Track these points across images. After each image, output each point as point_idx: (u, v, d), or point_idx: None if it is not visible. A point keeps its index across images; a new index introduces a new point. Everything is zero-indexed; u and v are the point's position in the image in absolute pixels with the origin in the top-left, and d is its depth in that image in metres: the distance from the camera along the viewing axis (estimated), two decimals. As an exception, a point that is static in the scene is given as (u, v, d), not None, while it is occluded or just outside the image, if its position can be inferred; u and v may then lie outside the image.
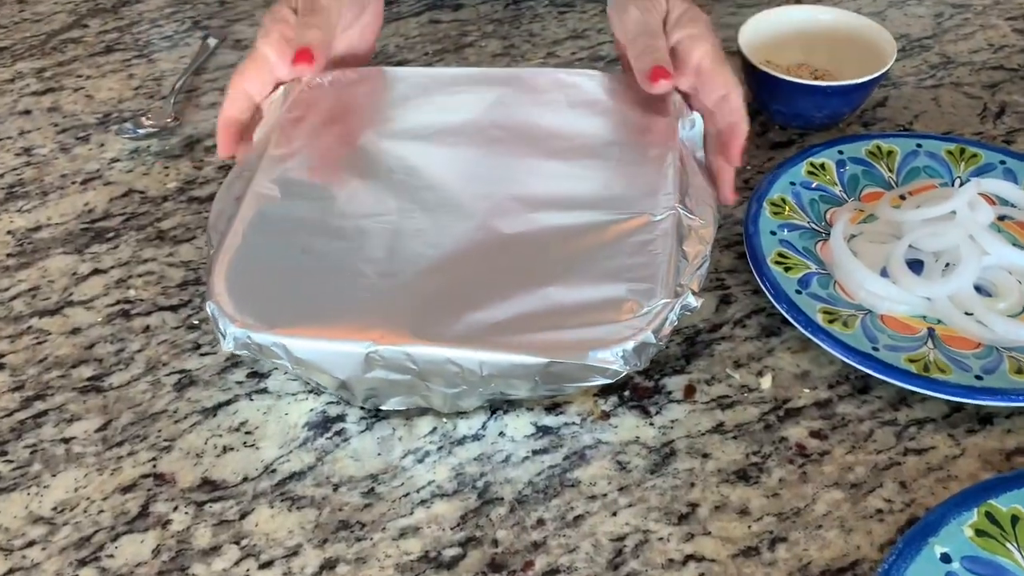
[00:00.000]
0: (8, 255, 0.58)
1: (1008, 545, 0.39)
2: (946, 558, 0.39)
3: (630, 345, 0.42)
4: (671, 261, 0.45)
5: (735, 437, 0.46)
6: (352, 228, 0.48)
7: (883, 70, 0.60)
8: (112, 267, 0.57)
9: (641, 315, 0.43)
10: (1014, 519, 0.40)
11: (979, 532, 0.39)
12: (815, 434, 0.46)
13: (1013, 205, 0.55)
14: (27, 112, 0.70)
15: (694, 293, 0.45)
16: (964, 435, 0.45)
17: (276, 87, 0.56)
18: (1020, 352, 0.47)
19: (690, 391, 0.48)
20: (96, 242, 0.59)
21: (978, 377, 0.46)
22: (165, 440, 0.47)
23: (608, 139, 0.53)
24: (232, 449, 0.47)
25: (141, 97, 0.71)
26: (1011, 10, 0.75)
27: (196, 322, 0.53)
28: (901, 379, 0.46)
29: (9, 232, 0.60)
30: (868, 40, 0.63)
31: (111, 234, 0.59)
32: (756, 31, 0.64)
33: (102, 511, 0.44)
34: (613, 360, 0.42)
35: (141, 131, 0.66)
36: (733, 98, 0.52)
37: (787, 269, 0.52)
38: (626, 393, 0.48)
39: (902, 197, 0.56)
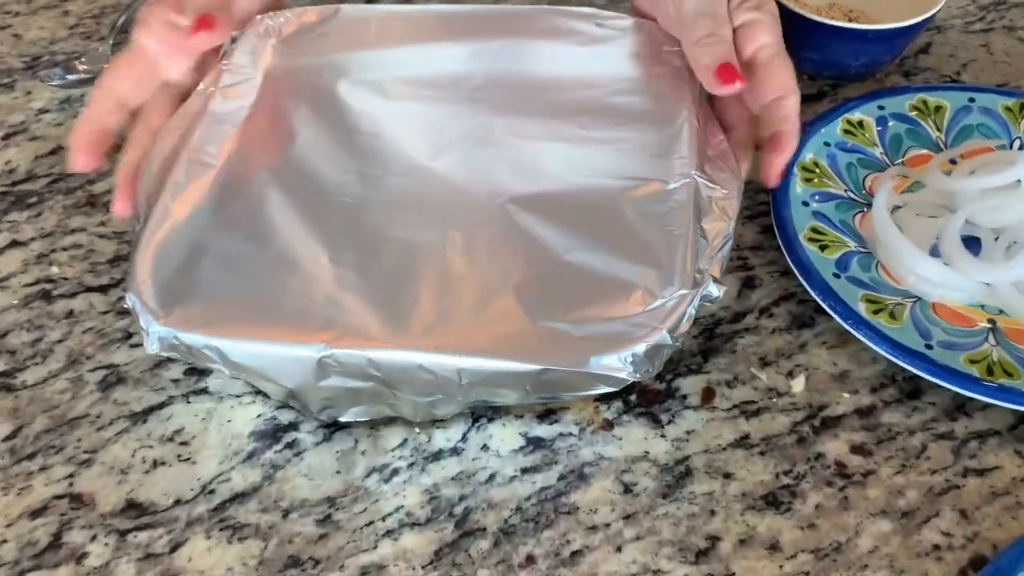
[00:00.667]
0: (-89, 225, 0.50)
1: (1098, 597, 0.32)
2: (1023, 612, 0.32)
3: (641, 348, 0.34)
4: (689, 240, 0.37)
5: (762, 453, 0.38)
6: (306, 203, 0.40)
7: (934, 10, 0.51)
8: (33, 239, 0.49)
9: (653, 308, 0.35)
10: (1104, 564, 0.33)
11: (1062, 579, 0.33)
12: (857, 449, 0.38)
13: (1083, 172, 0.47)
14: (-55, 56, 0.61)
15: (716, 280, 0.37)
16: (1033, 449, 0.38)
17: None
18: (1099, 350, 0.40)
19: (708, 395, 0.40)
20: (16, 208, 0.51)
21: (1052, 382, 0.39)
22: (85, 452, 0.40)
23: (612, 92, 0.44)
24: (164, 464, 0.39)
25: (77, 37, 0.62)
26: (1069, -57, 0.66)
27: (124, 310, 0.45)
28: (959, 384, 0.38)
29: (-85, 194, 0.52)
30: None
31: (34, 199, 0.51)
32: (784, -36, 0.55)
33: (5, 541, 0.37)
34: (620, 367, 0.34)
35: (74, 77, 0.57)
36: (788, 104, 0.43)
37: (822, 248, 0.44)
38: (632, 398, 0.40)
39: (952, 161, 0.48)
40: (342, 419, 0.39)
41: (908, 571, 0.35)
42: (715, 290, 0.37)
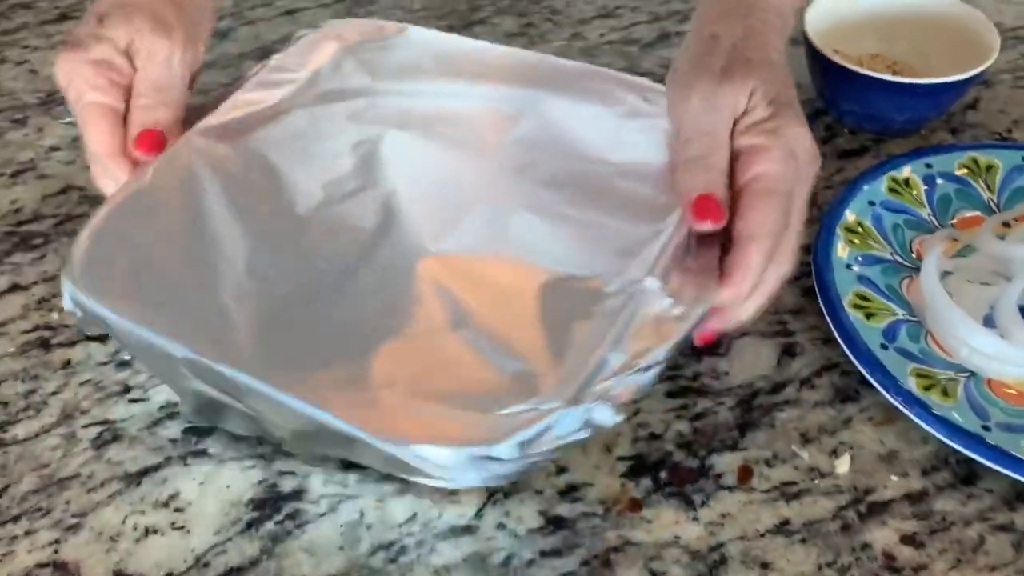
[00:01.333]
0: (-88, 264, 0.48)
1: None
2: None
3: (464, 452, 0.31)
4: (590, 353, 0.33)
5: (803, 540, 0.35)
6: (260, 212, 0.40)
7: (984, 66, 0.49)
8: (35, 282, 0.47)
9: (505, 414, 0.32)
10: None
11: None
12: (908, 539, 0.35)
13: None
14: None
15: (614, 407, 0.32)
16: (1106, 547, 0.35)
17: None
18: None
19: (746, 474, 0.37)
20: (19, 250, 0.49)
21: (1123, 470, 0.35)
22: (73, 516, 0.37)
23: (620, 173, 0.41)
24: (156, 532, 0.36)
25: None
26: (1120, -3, 0.63)
27: (128, 357, 0.43)
28: (1020, 470, 0.35)
29: (-85, 235, 0.50)
30: (960, 27, 0.53)
31: (38, 240, 0.49)
32: (826, 13, 0.53)
33: (-17, 612, 0.34)
34: (439, 464, 0.31)
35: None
36: (750, 251, 0.36)
37: (868, 315, 0.41)
38: (663, 475, 0.37)
39: (1006, 224, 0.45)
40: (220, 426, 0.38)
41: None
42: (605, 417, 0.32)
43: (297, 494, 0.37)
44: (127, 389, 0.42)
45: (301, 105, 0.45)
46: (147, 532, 0.36)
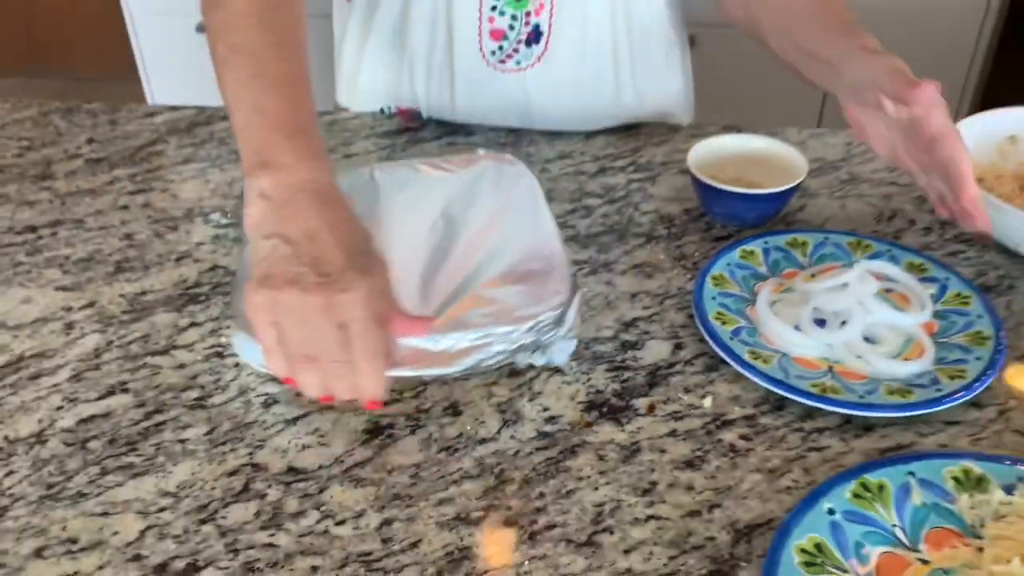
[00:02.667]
0: (123, 311, 0.74)
1: (875, 504, 0.55)
2: (831, 512, 0.54)
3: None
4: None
5: (684, 439, 0.62)
6: None
7: (796, 182, 0.79)
8: (206, 321, 0.73)
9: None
10: (880, 487, 0.56)
11: (856, 495, 0.55)
12: (743, 437, 0.62)
13: (895, 280, 0.73)
14: (125, 207, 0.88)
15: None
16: (852, 438, 0.62)
17: None
18: (893, 382, 0.64)
19: (651, 408, 0.64)
20: (191, 303, 0.75)
21: (861, 397, 0.63)
22: (258, 441, 0.63)
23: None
24: (309, 447, 0.62)
25: (217, 197, 0.89)
26: (903, 141, 0.95)
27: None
28: (807, 398, 0.62)
29: (121, 296, 0.76)
30: (787, 160, 0.83)
31: (203, 297, 0.76)
32: (703, 153, 0.84)
33: (214, 488, 0.59)
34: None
35: (223, 221, 0.84)
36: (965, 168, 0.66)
37: (724, 323, 0.69)
38: (604, 409, 0.64)
39: (812, 275, 0.74)
40: None
41: (771, 499, 0.57)
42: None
43: (390, 425, 0.63)
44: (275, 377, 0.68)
45: None
46: (304, 447, 0.62)
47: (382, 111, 1.02)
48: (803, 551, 0.52)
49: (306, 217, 0.55)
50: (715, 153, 0.85)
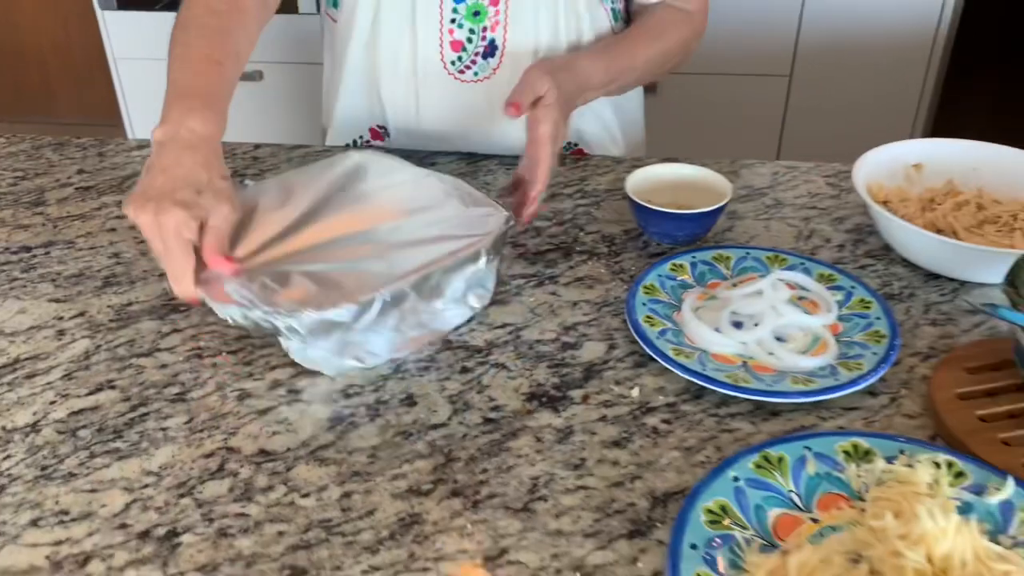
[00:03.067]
0: (110, 320, 0.82)
1: (775, 473, 0.63)
2: (736, 479, 0.62)
3: None
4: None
5: (613, 423, 0.70)
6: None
7: (722, 204, 0.88)
8: (187, 328, 0.81)
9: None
10: (780, 459, 0.64)
11: (758, 466, 0.63)
12: (665, 421, 0.70)
13: (807, 289, 0.82)
14: (113, 229, 0.96)
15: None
16: (760, 422, 0.70)
17: None
18: (799, 374, 0.73)
19: (586, 398, 0.72)
20: (173, 313, 0.83)
21: (769, 386, 0.71)
22: (232, 428, 0.70)
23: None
24: (278, 433, 0.69)
25: (198, 220, 0.97)
26: (826, 171, 1.05)
27: (248, 360, 0.76)
28: (722, 387, 0.71)
29: (109, 306, 0.84)
30: (715, 186, 0.92)
31: (183, 308, 0.83)
32: (640, 180, 0.93)
33: (193, 467, 0.66)
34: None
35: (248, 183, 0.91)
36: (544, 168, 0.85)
37: (652, 324, 0.77)
38: (544, 399, 0.72)
39: (733, 284, 0.83)
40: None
41: (686, 472, 0.65)
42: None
43: (353, 415, 0.71)
44: (251, 374, 0.75)
45: None
46: (273, 433, 0.69)
47: (354, 143, 1.11)
48: (709, 511, 0.60)
49: (166, 157, 0.76)
50: (651, 180, 0.94)
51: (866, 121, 2.22)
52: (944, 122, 2.23)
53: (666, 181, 0.95)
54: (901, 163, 0.96)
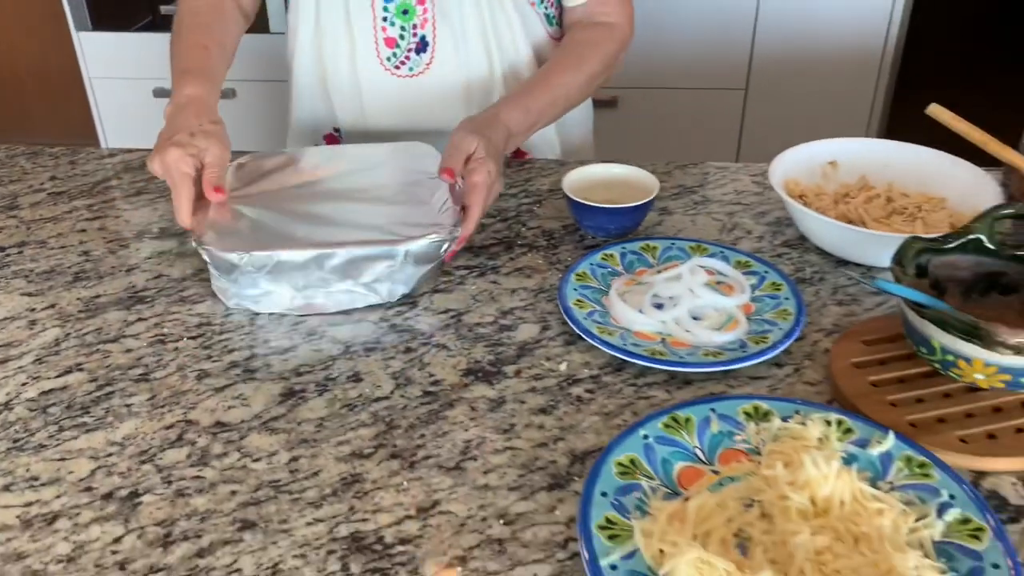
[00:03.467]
0: (80, 311, 0.88)
1: (682, 431, 0.70)
2: (646, 437, 0.69)
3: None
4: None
5: (541, 393, 0.76)
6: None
7: (649, 199, 0.96)
8: (151, 317, 0.87)
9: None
10: (687, 419, 0.71)
11: (667, 425, 0.70)
12: (588, 391, 0.77)
13: (725, 274, 0.89)
14: (83, 230, 1.02)
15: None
16: (675, 390, 0.77)
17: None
18: (710, 349, 0.80)
19: (518, 372, 0.79)
20: (139, 304, 0.89)
21: (682, 358, 0.78)
22: (191, 404, 0.76)
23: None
24: (234, 407, 0.75)
25: (165, 221, 1.03)
26: (753, 171, 1.13)
27: (207, 345, 0.83)
28: (640, 359, 0.78)
29: (78, 299, 0.90)
30: (645, 184, 1.00)
31: (148, 299, 0.90)
32: (576, 179, 1.00)
33: (154, 438, 0.72)
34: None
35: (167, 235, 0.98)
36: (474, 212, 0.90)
37: (581, 307, 0.84)
38: (480, 374, 0.79)
39: (659, 271, 0.90)
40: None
41: (603, 433, 0.72)
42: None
43: (303, 390, 0.77)
44: (210, 356, 0.81)
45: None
46: (229, 408, 0.75)
47: (310, 150, 1.18)
48: (620, 464, 0.67)
49: (174, 117, 0.93)
50: (587, 179, 1.01)
51: (820, 131, 2.31)
52: (895, 132, 2.33)
53: (601, 180, 1.02)
54: (818, 161, 1.04)
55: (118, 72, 2.28)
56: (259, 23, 2.38)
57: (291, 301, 0.86)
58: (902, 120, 2.27)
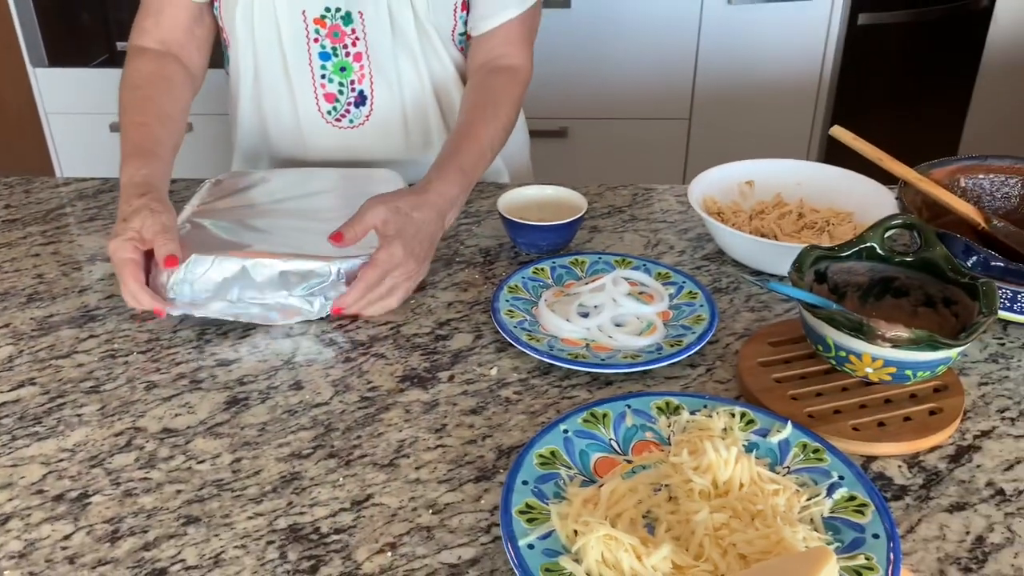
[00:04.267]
0: (33, 330, 0.92)
1: (599, 426, 0.75)
2: (566, 431, 0.74)
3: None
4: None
5: (472, 396, 0.82)
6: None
7: (578, 216, 1.02)
8: (102, 334, 0.91)
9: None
10: (604, 415, 0.76)
11: (585, 420, 0.76)
12: (516, 392, 0.82)
13: (646, 285, 0.96)
14: (37, 255, 1.06)
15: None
16: (596, 390, 0.83)
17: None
18: (630, 351, 0.86)
19: (452, 377, 0.84)
20: (91, 322, 0.93)
21: (603, 360, 0.84)
22: (140, 412, 0.80)
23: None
24: (180, 415, 0.80)
25: (116, 245, 1.07)
26: (678, 191, 1.20)
27: (156, 359, 0.87)
28: (564, 363, 0.83)
29: (32, 318, 0.94)
30: (575, 203, 1.06)
31: (100, 317, 0.94)
32: (511, 199, 1.06)
33: (104, 444, 0.76)
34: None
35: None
36: (358, 287, 0.91)
37: (512, 316, 0.90)
38: (415, 380, 0.84)
39: (585, 283, 0.96)
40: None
41: (528, 430, 0.77)
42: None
43: (246, 398, 0.81)
44: (158, 369, 0.85)
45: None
46: (176, 415, 0.80)
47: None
48: (541, 456, 0.72)
49: (125, 198, 0.93)
50: (521, 200, 1.08)
51: (762, 157, 2.42)
52: (832, 156, 2.44)
53: (534, 200, 1.08)
54: (735, 180, 1.11)
55: (75, 107, 2.32)
56: (214, 58, 2.44)
57: (228, 308, 0.90)
58: (839, 145, 2.39)
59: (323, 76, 1.14)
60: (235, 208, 1.02)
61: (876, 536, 0.65)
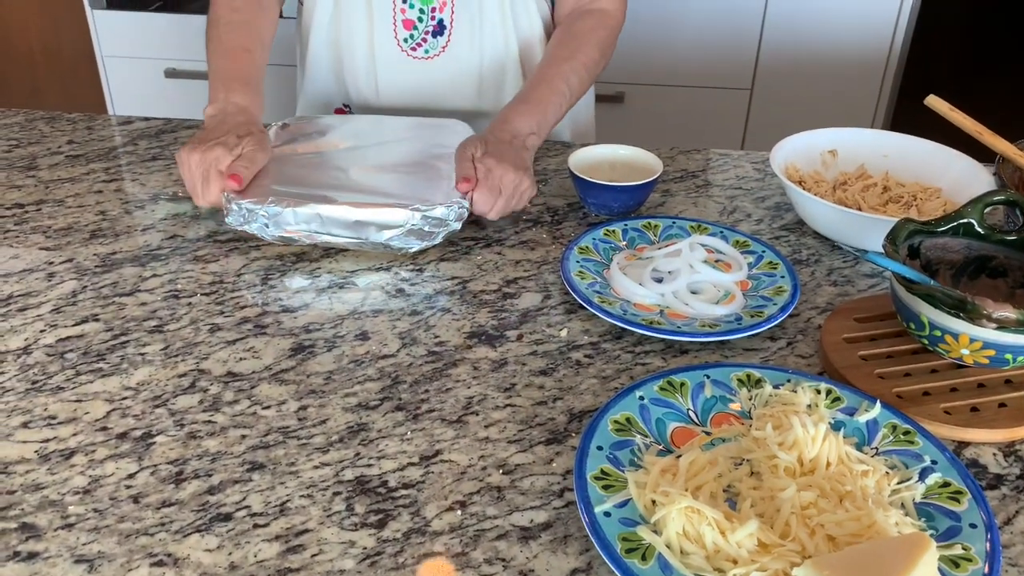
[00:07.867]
0: (96, 267, 0.90)
1: (676, 395, 0.72)
2: (642, 398, 0.72)
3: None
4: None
5: (542, 357, 0.79)
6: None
7: (653, 178, 0.98)
8: (165, 274, 0.90)
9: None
10: (681, 384, 0.73)
11: (662, 388, 0.73)
12: (588, 356, 0.79)
13: (723, 253, 0.92)
14: (100, 191, 1.04)
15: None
16: (671, 358, 0.80)
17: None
18: (707, 320, 0.82)
19: (520, 337, 0.81)
20: (153, 261, 0.92)
21: (679, 328, 0.81)
22: (204, 354, 0.78)
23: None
24: (245, 359, 0.78)
25: (178, 185, 1.06)
26: (755, 158, 1.16)
27: (220, 301, 0.85)
28: (638, 328, 0.80)
29: (95, 254, 0.92)
30: (649, 165, 1.02)
31: (163, 257, 0.92)
32: (581, 158, 1.03)
33: (167, 385, 0.75)
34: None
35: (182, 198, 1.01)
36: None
37: (583, 278, 0.87)
38: (483, 337, 0.81)
39: (659, 247, 0.93)
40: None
41: (601, 395, 0.75)
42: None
43: (312, 344, 0.79)
44: (222, 312, 0.84)
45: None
46: (240, 359, 0.78)
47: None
48: (616, 422, 0.69)
49: (222, 121, 0.97)
50: (592, 159, 1.04)
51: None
52: (898, 132, 2.36)
53: (605, 160, 1.05)
54: (817, 149, 1.06)
55: (131, 52, 2.30)
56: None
57: (301, 233, 0.90)
58: (906, 121, 2.31)
59: (404, 1, 1.12)
60: (304, 154, 1.00)
61: (973, 526, 0.61)
